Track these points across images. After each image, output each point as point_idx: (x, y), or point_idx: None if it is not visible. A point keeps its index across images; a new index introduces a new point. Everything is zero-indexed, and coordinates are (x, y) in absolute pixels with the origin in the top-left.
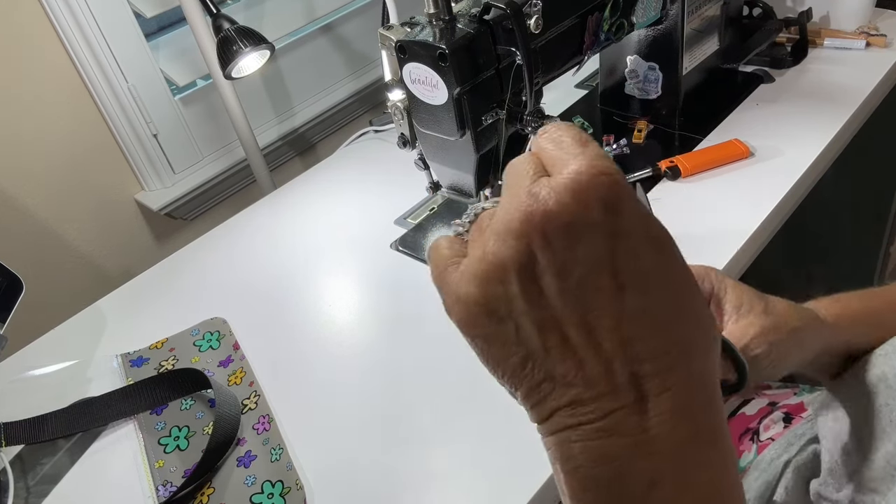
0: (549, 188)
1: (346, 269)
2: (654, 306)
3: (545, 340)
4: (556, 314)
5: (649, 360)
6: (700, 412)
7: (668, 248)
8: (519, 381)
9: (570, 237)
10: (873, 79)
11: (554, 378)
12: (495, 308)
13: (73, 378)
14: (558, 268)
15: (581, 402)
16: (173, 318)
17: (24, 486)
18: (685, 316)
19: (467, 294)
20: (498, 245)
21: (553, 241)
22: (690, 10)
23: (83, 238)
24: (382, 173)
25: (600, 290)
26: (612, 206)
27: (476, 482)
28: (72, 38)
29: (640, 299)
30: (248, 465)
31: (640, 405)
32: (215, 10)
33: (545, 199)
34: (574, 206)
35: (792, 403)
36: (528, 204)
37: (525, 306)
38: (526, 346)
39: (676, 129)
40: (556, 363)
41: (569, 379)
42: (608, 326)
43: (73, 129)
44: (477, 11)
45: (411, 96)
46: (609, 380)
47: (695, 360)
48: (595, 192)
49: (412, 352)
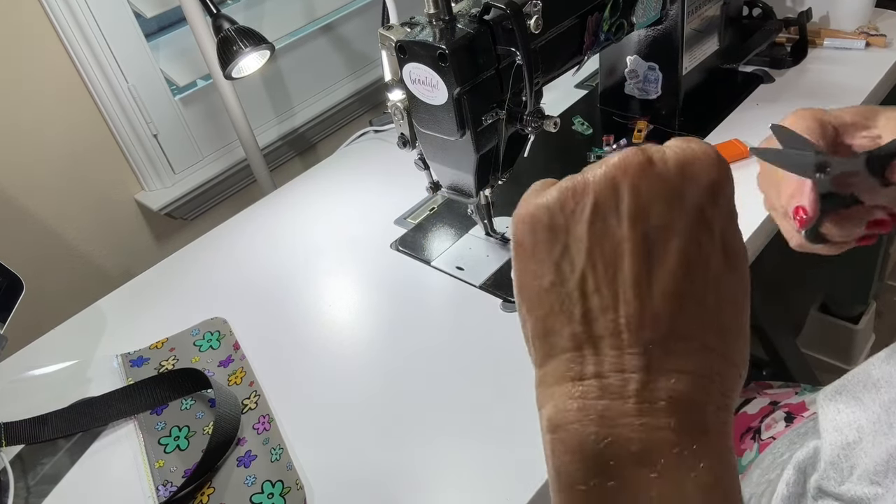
0: (659, 149)
1: (346, 269)
2: (708, 298)
3: (584, 272)
4: (607, 253)
5: (680, 339)
6: (704, 411)
7: (741, 261)
8: (535, 306)
9: (662, 197)
10: (873, 79)
11: (573, 316)
12: (556, 221)
13: (73, 378)
14: (635, 214)
15: (593, 350)
16: (173, 318)
17: (24, 486)
18: (733, 324)
19: (543, 198)
20: (591, 171)
21: (642, 188)
22: (690, 10)
23: (83, 238)
24: (382, 173)
25: (666, 253)
26: (712, 187)
27: (476, 481)
28: (72, 38)
29: (697, 283)
30: (249, 465)
31: (648, 375)
32: (215, 10)
33: (651, 153)
34: (675, 171)
35: (793, 403)
36: (633, 152)
37: (583, 231)
38: (558, 273)
39: (676, 129)
40: (583, 300)
41: (588, 319)
42: (659, 290)
43: (73, 129)
44: (477, 11)
45: (411, 96)
46: (631, 336)
47: (718, 362)
48: (702, 168)
49: (412, 352)
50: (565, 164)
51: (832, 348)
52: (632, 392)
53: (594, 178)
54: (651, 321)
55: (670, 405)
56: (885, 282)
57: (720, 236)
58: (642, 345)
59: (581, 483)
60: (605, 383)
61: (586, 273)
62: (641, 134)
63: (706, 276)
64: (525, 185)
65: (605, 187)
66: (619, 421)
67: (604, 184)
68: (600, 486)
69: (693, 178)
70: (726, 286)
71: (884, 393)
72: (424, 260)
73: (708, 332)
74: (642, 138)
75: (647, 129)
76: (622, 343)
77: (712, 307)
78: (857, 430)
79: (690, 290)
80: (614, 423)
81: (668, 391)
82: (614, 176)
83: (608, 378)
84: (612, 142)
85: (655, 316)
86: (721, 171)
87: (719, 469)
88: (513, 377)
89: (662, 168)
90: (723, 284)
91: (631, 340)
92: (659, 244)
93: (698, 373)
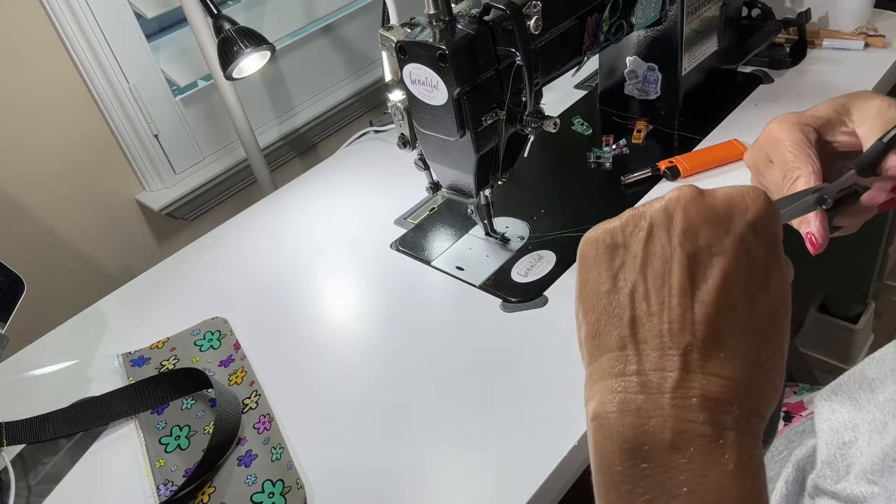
0: (713, 189)
1: (347, 269)
2: (745, 313)
3: (635, 283)
4: (657, 267)
5: (717, 347)
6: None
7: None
8: (593, 309)
9: (708, 220)
10: (872, 79)
11: (622, 320)
12: (617, 240)
13: (74, 378)
14: (683, 233)
15: (636, 350)
16: (174, 318)
17: (25, 486)
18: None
19: (608, 223)
20: (649, 203)
21: (692, 214)
22: (689, 10)
23: (84, 238)
24: (382, 173)
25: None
26: (755, 220)
27: (476, 481)
28: (73, 38)
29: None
30: (249, 465)
31: (684, 374)
32: (216, 10)
33: (703, 189)
34: (722, 202)
35: (792, 402)
36: (688, 186)
37: (640, 249)
38: (615, 282)
39: (676, 129)
40: (632, 306)
41: (636, 323)
42: (701, 301)
43: (74, 129)
44: (477, 12)
45: (411, 97)
46: (672, 339)
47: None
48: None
49: (412, 351)
50: (565, 165)
51: (831, 348)
52: (668, 388)
53: (652, 208)
54: (691, 327)
55: (701, 402)
56: (884, 282)
57: (762, 263)
58: (681, 348)
59: (618, 464)
60: (644, 380)
61: (637, 283)
62: (641, 134)
63: (745, 293)
64: (525, 185)
65: (660, 213)
66: (655, 413)
67: (660, 211)
68: (634, 467)
69: (738, 209)
70: (763, 304)
71: (879, 393)
72: (424, 260)
73: (742, 342)
74: (642, 139)
75: (647, 129)
76: (664, 345)
77: (749, 321)
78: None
79: (729, 304)
80: (650, 415)
81: (700, 390)
82: (668, 205)
83: (648, 375)
84: (612, 142)
85: (695, 323)
86: (763, 206)
87: (742, 463)
88: (513, 377)
89: (711, 200)
90: (760, 302)
91: (671, 343)
92: (704, 263)
93: (730, 377)
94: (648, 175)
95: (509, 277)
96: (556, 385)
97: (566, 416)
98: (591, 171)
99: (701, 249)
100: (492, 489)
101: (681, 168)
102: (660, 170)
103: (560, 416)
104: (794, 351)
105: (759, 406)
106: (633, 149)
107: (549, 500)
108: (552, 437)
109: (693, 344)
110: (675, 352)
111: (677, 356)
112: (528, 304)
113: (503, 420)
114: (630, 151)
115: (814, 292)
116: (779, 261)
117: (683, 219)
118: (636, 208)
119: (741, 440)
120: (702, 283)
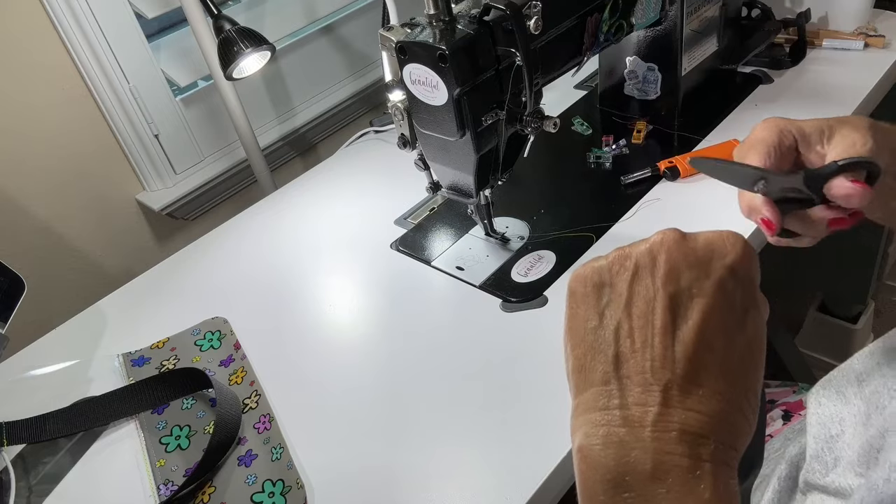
0: (694, 233)
1: (347, 269)
2: (722, 352)
3: (620, 321)
4: (640, 307)
5: (696, 384)
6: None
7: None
8: (579, 342)
9: (690, 263)
10: (872, 79)
11: (606, 356)
12: (604, 279)
13: (74, 377)
14: (666, 275)
15: (619, 386)
16: (174, 318)
17: (25, 485)
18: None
19: (597, 262)
20: (635, 244)
21: (674, 257)
22: (689, 11)
23: (84, 238)
24: (383, 173)
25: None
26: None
27: (476, 481)
28: (73, 39)
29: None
30: (249, 465)
31: (664, 409)
32: (216, 11)
33: (686, 233)
34: (703, 246)
35: (791, 401)
36: (671, 230)
37: (624, 288)
38: (602, 319)
39: (675, 129)
40: (616, 343)
41: (620, 360)
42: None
43: (74, 129)
44: (477, 12)
45: (411, 97)
46: (654, 375)
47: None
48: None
49: (412, 351)
50: (565, 165)
51: (831, 348)
52: (649, 422)
53: (637, 249)
54: (671, 365)
55: (680, 435)
56: (884, 281)
57: (740, 304)
58: (662, 384)
59: (601, 494)
60: (627, 414)
61: (622, 321)
62: (640, 134)
63: (723, 333)
64: (525, 186)
65: (645, 255)
66: (637, 445)
67: (645, 254)
68: (616, 496)
69: (717, 253)
70: (740, 344)
71: (865, 386)
72: (424, 260)
73: (719, 380)
74: (641, 139)
75: (647, 129)
76: (646, 381)
77: (726, 359)
78: (840, 422)
79: (707, 344)
80: (632, 447)
81: (679, 423)
82: (652, 248)
83: (630, 409)
84: (612, 142)
85: (675, 361)
86: (742, 251)
87: (718, 493)
88: (513, 377)
89: (693, 243)
90: (737, 342)
91: (653, 379)
92: (685, 304)
93: (708, 413)
94: (648, 175)
95: (509, 277)
96: (556, 385)
97: (566, 415)
98: (591, 172)
99: (682, 291)
100: (492, 489)
101: (680, 168)
102: (659, 170)
103: (560, 415)
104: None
105: (735, 440)
106: (632, 149)
107: (549, 499)
108: (552, 437)
109: (673, 381)
110: (657, 388)
111: (658, 392)
112: (528, 304)
113: (503, 420)
114: (630, 151)
115: (814, 292)
116: (755, 302)
117: (666, 261)
118: (622, 249)
119: (717, 471)
120: (682, 324)
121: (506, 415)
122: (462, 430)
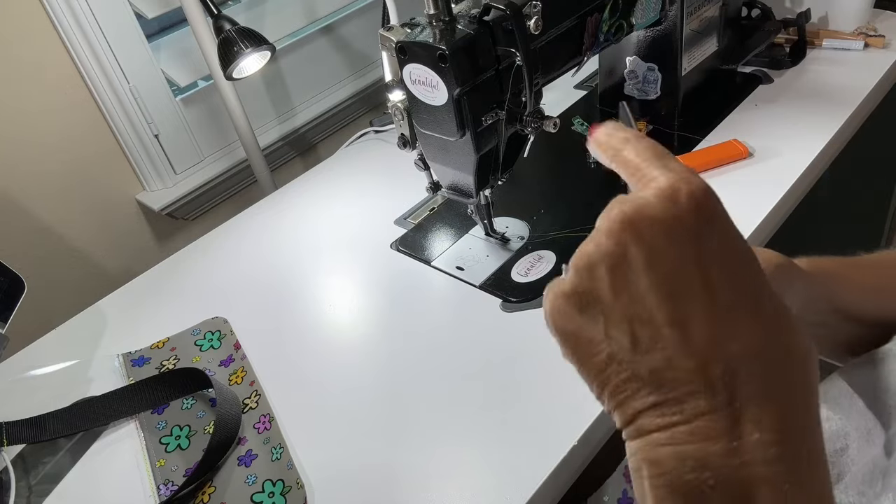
0: (647, 195)
1: (347, 269)
2: (744, 305)
3: (632, 334)
4: (644, 308)
5: (744, 360)
6: (797, 427)
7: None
8: (604, 380)
9: (662, 235)
10: (872, 79)
11: (640, 377)
12: (585, 301)
13: (74, 377)
14: (647, 261)
15: (669, 403)
16: (174, 318)
17: (25, 486)
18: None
19: (560, 289)
20: (590, 244)
21: (644, 237)
22: (689, 11)
23: (84, 238)
24: (383, 173)
25: (690, 285)
26: (707, 214)
27: (476, 481)
28: (73, 39)
29: (730, 296)
30: (249, 465)
31: (731, 409)
32: (216, 11)
33: (641, 202)
34: (671, 209)
35: None
36: (620, 207)
37: (612, 298)
38: (611, 343)
39: (675, 129)
40: (644, 359)
41: (656, 376)
42: (700, 321)
43: (74, 129)
44: (477, 12)
45: (411, 97)
46: (700, 378)
47: (792, 369)
48: (692, 200)
49: (412, 351)
50: (565, 165)
51: None
52: (721, 433)
53: (595, 247)
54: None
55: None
56: None
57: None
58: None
59: None
60: (690, 429)
61: (636, 330)
62: None
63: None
64: (525, 186)
65: (607, 248)
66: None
67: (606, 245)
68: None
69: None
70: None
71: (857, 399)
72: (424, 260)
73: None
74: None
75: (647, 129)
76: (693, 391)
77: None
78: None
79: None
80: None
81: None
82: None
83: (692, 423)
84: None
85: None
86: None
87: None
88: (513, 377)
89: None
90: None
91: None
92: (682, 273)
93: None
94: None
95: (509, 277)
96: (556, 385)
97: (566, 415)
98: (591, 171)
99: (674, 269)
100: (492, 489)
101: None
102: None
103: (560, 415)
104: None
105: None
106: None
107: (549, 499)
108: (552, 437)
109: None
110: (720, 388)
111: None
112: (528, 304)
113: (503, 420)
114: None
115: None
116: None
117: (639, 252)
118: (576, 255)
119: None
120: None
121: (506, 415)
122: (462, 430)
